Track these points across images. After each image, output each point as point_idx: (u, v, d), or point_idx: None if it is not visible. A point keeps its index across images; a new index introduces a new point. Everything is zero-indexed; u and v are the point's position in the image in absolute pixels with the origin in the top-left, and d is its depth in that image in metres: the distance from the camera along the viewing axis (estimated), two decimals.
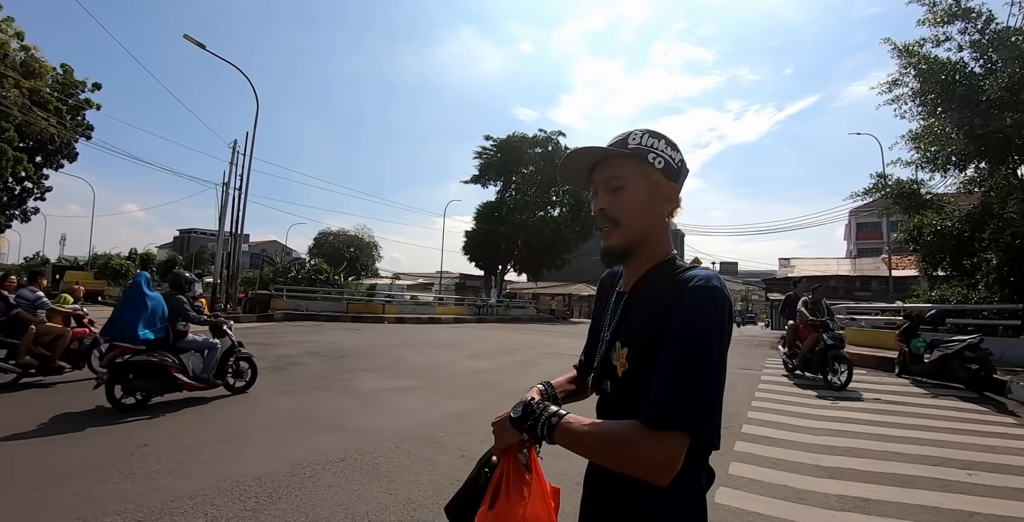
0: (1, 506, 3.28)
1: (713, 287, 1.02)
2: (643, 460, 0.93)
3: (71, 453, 4.36)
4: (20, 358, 6.99)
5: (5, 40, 22.41)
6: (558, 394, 1.39)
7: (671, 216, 1.20)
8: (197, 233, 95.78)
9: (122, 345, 5.99)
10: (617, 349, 1.15)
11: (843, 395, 7.97)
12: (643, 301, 1.14)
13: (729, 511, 3.58)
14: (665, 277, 1.12)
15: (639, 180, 1.14)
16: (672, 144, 1.17)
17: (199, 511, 3.29)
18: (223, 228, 22.55)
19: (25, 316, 7.27)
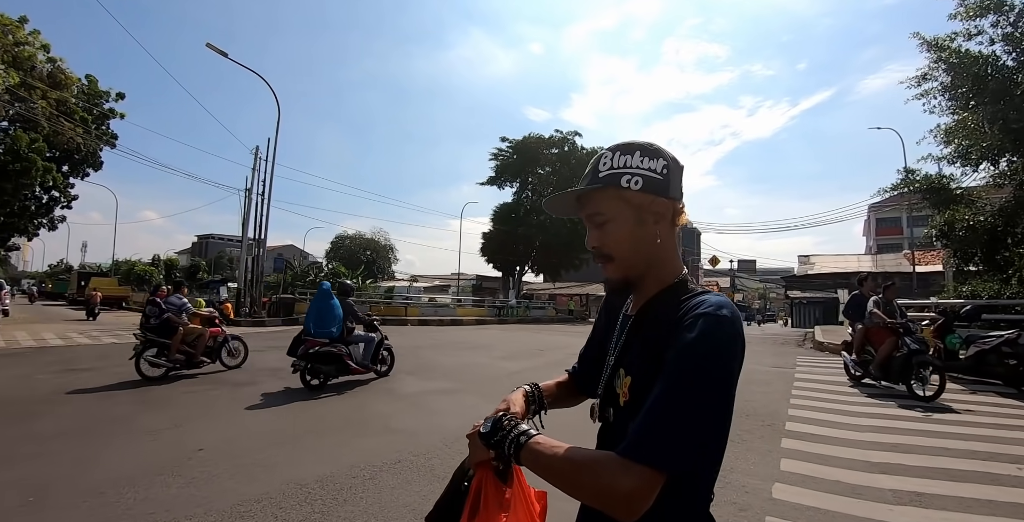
0: (70, 512, 3.32)
1: (720, 316, 0.93)
2: (604, 489, 0.85)
3: (128, 458, 4.42)
4: (171, 355, 8.41)
5: (32, 53, 22.83)
6: (544, 398, 1.34)
7: (673, 228, 1.12)
8: (215, 238, 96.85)
9: (313, 339, 7.80)
10: (621, 377, 1.08)
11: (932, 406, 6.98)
12: (649, 327, 1.06)
13: (789, 506, 3.61)
14: (673, 301, 1.03)
15: (619, 209, 1.07)
16: (649, 151, 1.08)
17: (268, 514, 3.33)
18: (246, 233, 22.79)
19: (174, 319, 8.64)
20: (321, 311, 8.05)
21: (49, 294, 46.24)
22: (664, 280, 1.09)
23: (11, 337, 14.17)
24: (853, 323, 9.00)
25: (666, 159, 1.08)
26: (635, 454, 0.85)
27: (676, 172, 1.10)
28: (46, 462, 4.23)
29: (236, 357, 9.61)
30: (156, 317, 8.55)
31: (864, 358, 8.52)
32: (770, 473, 4.30)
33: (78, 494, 3.58)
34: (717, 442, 0.96)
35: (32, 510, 3.32)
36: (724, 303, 0.95)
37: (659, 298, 1.08)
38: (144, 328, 8.57)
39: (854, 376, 8.86)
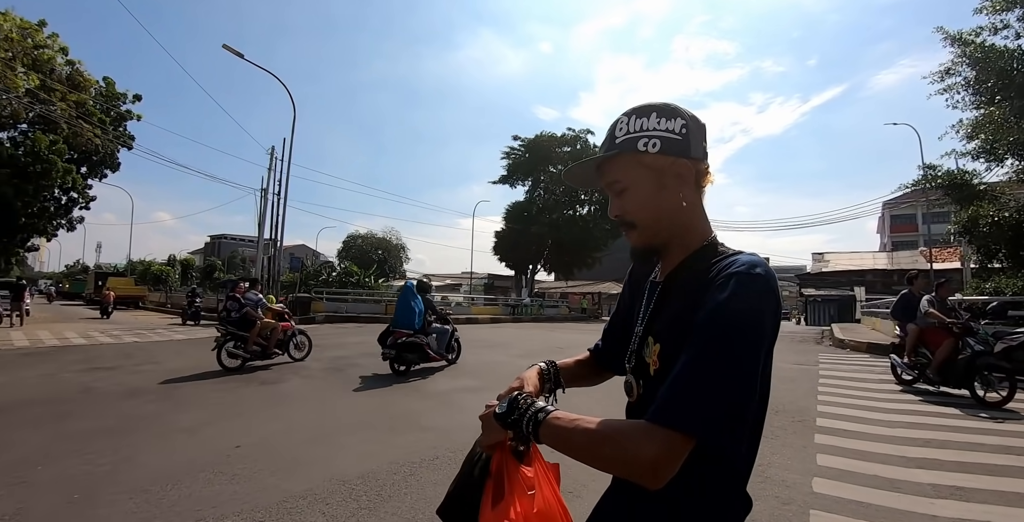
0: (116, 509, 3.34)
1: (755, 274, 0.88)
2: (628, 457, 0.82)
3: (166, 455, 4.44)
4: (249, 347, 9.18)
5: (52, 56, 23.09)
6: (561, 376, 1.30)
7: (699, 191, 1.07)
8: (228, 239, 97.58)
9: (399, 330, 8.91)
10: (649, 345, 1.03)
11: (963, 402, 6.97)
12: (678, 292, 1.02)
13: (831, 500, 3.64)
14: (703, 264, 0.99)
15: (638, 174, 1.03)
16: (666, 111, 1.03)
17: (315, 510, 3.33)
18: (263, 233, 22.93)
19: (252, 314, 9.45)
20: (405, 306, 9.18)
21: (66, 294, 46.70)
22: (691, 245, 1.05)
23: (35, 336, 14.32)
24: (903, 324, 8.48)
25: (684, 118, 1.03)
26: (661, 418, 0.82)
27: (696, 131, 1.04)
28: (85, 460, 4.25)
29: (301, 350, 10.32)
30: (236, 311, 9.39)
31: (918, 361, 7.99)
32: (808, 468, 4.32)
33: (122, 491, 3.60)
34: (750, 408, 0.87)
35: (79, 508, 3.33)
36: (757, 261, 0.91)
37: (687, 263, 1.04)
38: (224, 322, 9.34)
39: (904, 380, 8.32)
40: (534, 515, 0.98)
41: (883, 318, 17.70)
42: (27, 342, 12.88)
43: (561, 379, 1.30)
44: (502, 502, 1.00)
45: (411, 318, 9.04)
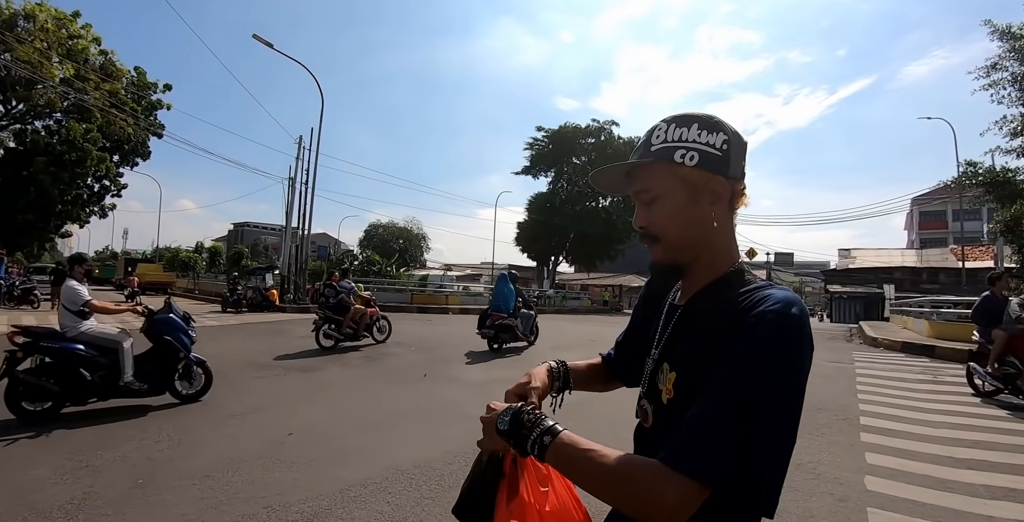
0: (182, 494, 3.41)
1: (790, 316, 0.81)
2: (638, 498, 0.77)
3: (221, 442, 4.52)
4: (343, 330, 10.37)
5: (86, 45, 23.49)
6: (571, 378, 1.26)
7: (732, 212, 1.00)
8: (250, 226, 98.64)
9: (497, 314, 10.76)
10: (665, 372, 0.97)
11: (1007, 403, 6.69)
12: (701, 320, 0.96)
13: (886, 498, 3.65)
14: (729, 295, 0.93)
15: (671, 186, 0.96)
16: (710, 125, 0.96)
17: (379, 499, 3.38)
18: (290, 221, 23.16)
19: (346, 300, 10.66)
20: (501, 293, 10.98)
21: (97, 279, 47.64)
22: (718, 269, 0.99)
23: None
24: (985, 329, 7.67)
25: (727, 134, 0.96)
26: (677, 462, 0.76)
27: (738, 149, 0.98)
28: (142, 445, 4.34)
29: (383, 333, 11.56)
30: (333, 297, 10.60)
31: (1005, 370, 7.17)
32: (858, 466, 4.32)
33: (184, 476, 3.67)
34: (776, 462, 0.80)
35: (146, 492, 3.40)
36: (793, 300, 0.84)
37: (713, 289, 0.98)
38: (322, 307, 10.63)
39: (984, 391, 7.49)
40: (548, 512, 0.98)
41: (916, 317, 17.50)
42: None
43: (571, 380, 1.25)
44: (516, 499, 0.99)
45: (507, 303, 10.83)
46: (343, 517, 3.13)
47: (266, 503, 3.26)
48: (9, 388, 4.97)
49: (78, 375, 5.14)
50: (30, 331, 5.23)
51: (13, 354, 5.01)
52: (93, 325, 5.59)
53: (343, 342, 10.56)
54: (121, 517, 3.04)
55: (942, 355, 11.68)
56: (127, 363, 5.44)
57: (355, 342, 10.83)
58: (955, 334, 13.53)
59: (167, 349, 5.80)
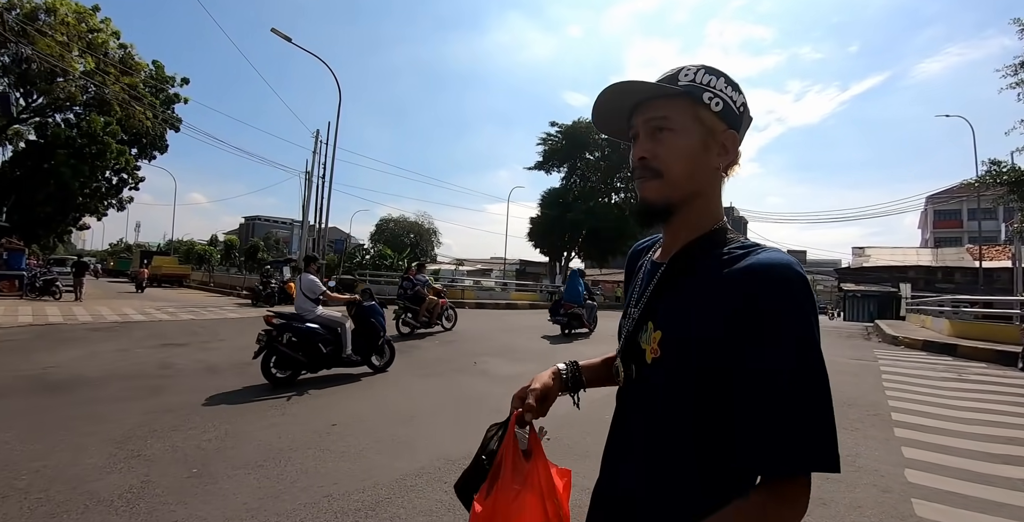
0: (239, 483, 3.45)
1: (800, 276, 0.78)
2: None
3: (266, 432, 4.57)
4: (419, 317, 11.68)
5: (106, 39, 23.66)
6: (584, 376, 1.21)
7: (727, 172, 0.97)
8: (261, 220, 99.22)
9: (569, 304, 12.78)
10: (649, 330, 0.92)
11: None
12: (687, 278, 0.91)
13: (928, 490, 3.73)
14: (716, 252, 0.89)
15: (690, 123, 0.92)
16: (734, 84, 0.95)
17: (435, 488, 3.42)
18: (307, 215, 23.29)
19: (422, 292, 11.93)
20: (573, 287, 13.00)
21: (111, 271, 48.11)
22: (703, 225, 0.95)
23: (96, 312, 14.82)
24: None
25: (745, 100, 0.97)
26: (773, 467, 0.73)
27: (748, 118, 0.99)
28: (189, 435, 4.39)
29: (451, 321, 12.87)
30: (411, 289, 11.94)
31: None
32: (897, 460, 4.40)
33: (238, 466, 3.72)
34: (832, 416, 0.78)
35: (202, 482, 3.44)
36: (792, 260, 0.80)
37: (698, 245, 0.93)
38: (401, 298, 12.04)
39: None
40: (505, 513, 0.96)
41: (935, 316, 17.40)
42: (90, 318, 13.34)
43: (583, 379, 1.20)
44: (492, 493, 1.00)
45: (578, 296, 12.88)
46: (404, 505, 3.17)
47: (324, 492, 3.31)
48: (265, 359, 6.35)
49: (317, 349, 6.65)
50: (282, 315, 6.75)
51: (269, 333, 6.39)
52: (322, 310, 7.09)
53: (419, 329, 11.92)
54: (183, 506, 3.08)
55: (964, 354, 11.62)
56: (348, 340, 7.00)
57: (428, 329, 12.19)
58: (977, 333, 13.48)
59: (372, 329, 7.39)
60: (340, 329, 6.99)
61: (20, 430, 4.31)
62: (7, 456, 3.74)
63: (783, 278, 0.78)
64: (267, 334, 6.38)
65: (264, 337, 6.36)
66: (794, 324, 0.76)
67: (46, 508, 2.98)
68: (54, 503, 3.03)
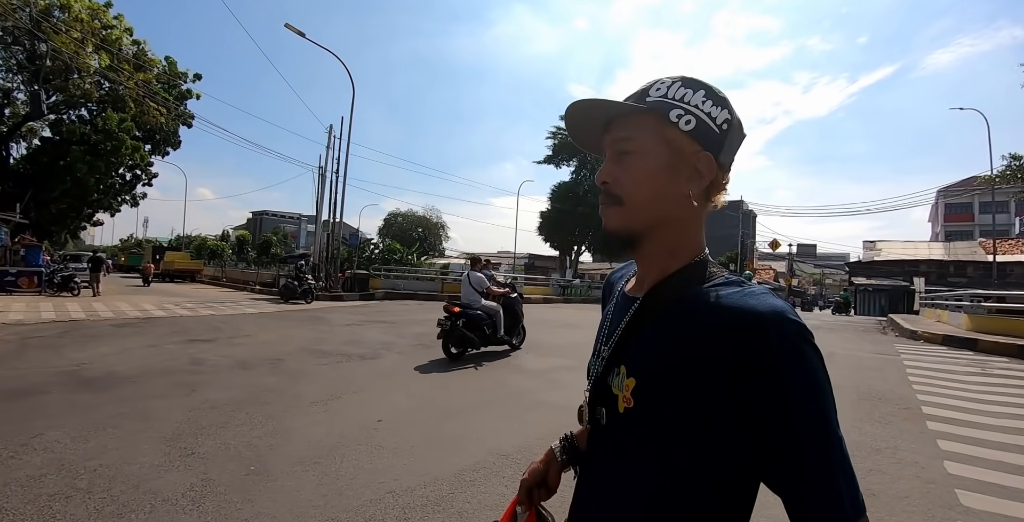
0: (299, 480, 3.47)
1: (801, 328, 0.72)
2: None
3: (314, 428, 4.61)
4: None
5: (119, 36, 23.74)
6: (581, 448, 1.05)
7: (709, 199, 0.87)
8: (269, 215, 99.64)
9: None
10: (621, 375, 0.83)
11: None
12: (665, 319, 0.82)
13: (970, 481, 3.84)
14: (698, 289, 0.81)
15: (654, 144, 0.83)
16: (717, 98, 0.83)
17: (495, 482, 3.46)
18: (320, 210, 23.36)
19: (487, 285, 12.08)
20: None
21: (123, 267, 48.38)
22: (680, 257, 0.85)
23: (116, 308, 14.93)
24: None
25: (731, 115, 0.84)
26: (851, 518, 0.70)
27: (736, 135, 0.86)
28: (238, 432, 4.42)
29: None
30: None
31: None
32: (934, 452, 4.48)
33: (294, 463, 3.74)
34: None
35: (261, 479, 3.45)
36: (786, 307, 0.74)
37: (675, 281, 0.84)
38: None
39: None
40: None
41: (952, 310, 17.35)
42: (111, 314, 13.45)
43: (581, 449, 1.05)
44: None
45: None
46: (469, 500, 3.21)
47: (386, 488, 3.35)
48: (446, 338, 8.17)
49: (483, 330, 8.59)
50: (459, 304, 8.59)
51: (451, 318, 8.19)
52: (483, 300, 8.86)
53: None
54: (249, 504, 3.09)
55: (985, 349, 11.60)
56: (501, 323, 8.91)
57: None
58: (997, 328, 13.42)
59: (515, 316, 9.46)
60: (496, 315, 8.89)
61: (68, 428, 4.33)
62: (61, 455, 3.75)
63: (786, 331, 0.71)
64: (449, 319, 8.17)
65: (447, 322, 8.14)
66: (808, 391, 0.71)
67: (112, 508, 2.98)
68: (119, 503, 3.04)
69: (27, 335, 9.36)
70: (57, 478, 3.35)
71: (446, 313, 8.28)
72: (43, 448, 3.86)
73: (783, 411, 0.70)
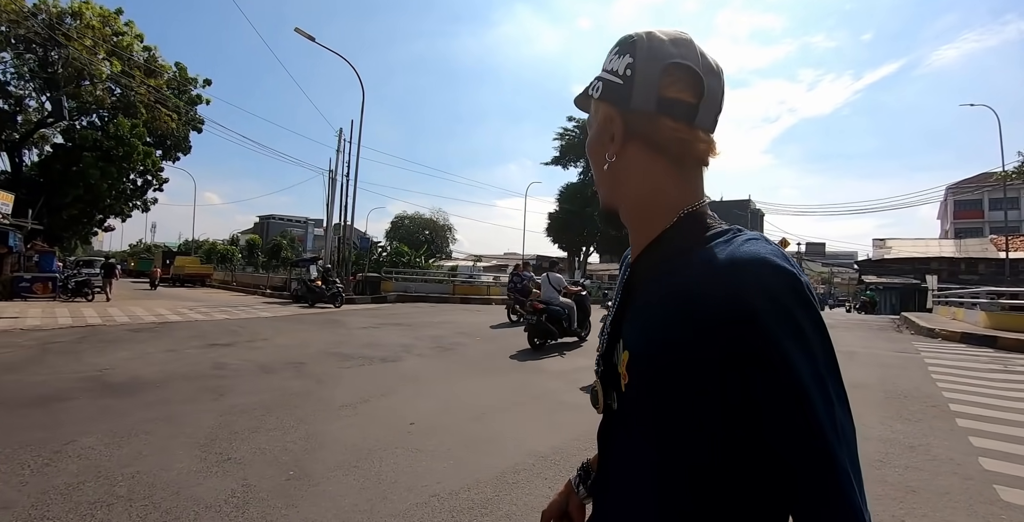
0: (341, 485, 3.46)
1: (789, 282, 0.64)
2: None
3: (347, 432, 4.60)
4: (526, 308, 11.78)
5: (130, 42, 23.89)
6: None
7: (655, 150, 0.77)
8: (275, 219, 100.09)
9: None
10: (619, 350, 0.78)
11: None
12: (645, 287, 0.77)
13: (1007, 476, 3.86)
14: (679, 247, 0.75)
15: (592, 124, 0.84)
16: (624, 46, 0.79)
17: (539, 483, 3.44)
18: (332, 214, 23.45)
19: (528, 286, 13.68)
20: None
21: (132, 272, 48.66)
22: (656, 217, 0.78)
23: (131, 313, 15.03)
24: None
25: (634, 56, 0.76)
26: None
27: (650, 74, 0.76)
28: (271, 436, 4.40)
29: None
30: (520, 283, 14.34)
31: None
32: (967, 449, 4.49)
33: (333, 467, 3.72)
34: None
35: (303, 484, 3.43)
36: (772, 249, 0.67)
37: (656, 246, 0.78)
38: (511, 291, 14.73)
39: None
40: None
41: (968, 308, 17.22)
42: (127, 318, 13.51)
43: None
44: None
45: None
46: (515, 502, 3.20)
47: (430, 491, 3.33)
48: (532, 331, 9.64)
49: (562, 324, 9.95)
50: (542, 301, 9.95)
51: (536, 313, 9.64)
52: (560, 298, 10.23)
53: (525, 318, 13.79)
54: (294, 510, 3.07)
55: (1005, 346, 11.53)
56: (574, 318, 10.31)
57: None
58: (1016, 325, 13.29)
59: (586, 311, 10.89)
60: (571, 311, 10.22)
61: (100, 434, 4.31)
62: (97, 462, 3.72)
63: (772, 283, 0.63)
64: (534, 314, 9.63)
65: (533, 317, 9.60)
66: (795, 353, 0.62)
67: (156, 516, 2.96)
68: (162, 510, 3.02)
69: (46, 341, 9.40)
70: (96, 485, 3.32)
71: (531, 309, 9.77)
72: (77, 455, 3.85)
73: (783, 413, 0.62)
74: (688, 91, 0.75)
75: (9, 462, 3.66)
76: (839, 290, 79.50)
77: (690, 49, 0.76)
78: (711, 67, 0.77)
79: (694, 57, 0.76)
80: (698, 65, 0.75)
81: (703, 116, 0.76)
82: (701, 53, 0.77)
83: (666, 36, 0.77)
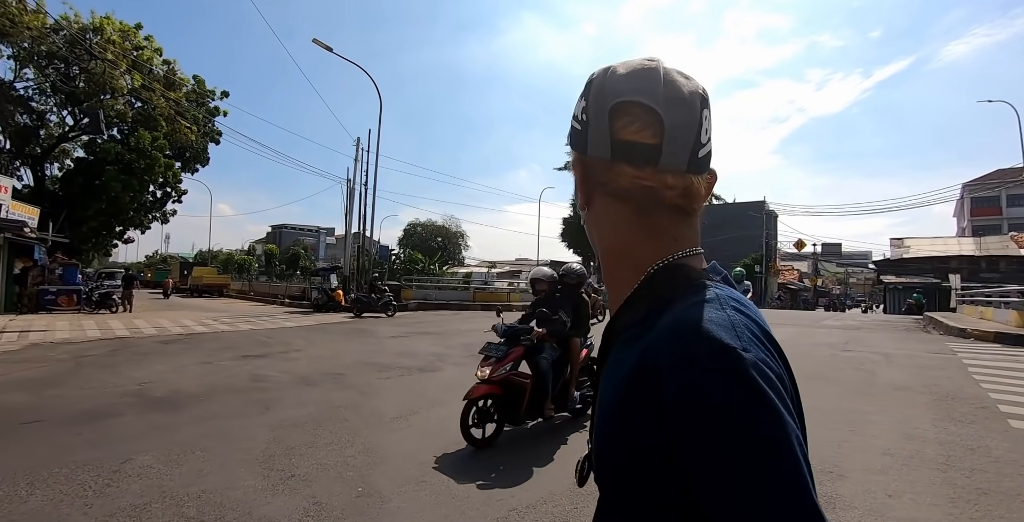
0: (413, 501, 3.45)
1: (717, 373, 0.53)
2: None
3: (404, 445, 4.59)
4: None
5: (150, 56, 24.20)
6: None
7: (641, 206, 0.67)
8: (288, 228, 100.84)
9: None
10: None
11: None
12: (610, 359, 0.68)
13: None
14: (638, 316, 0.66)
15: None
16: (585, 88, 0.71)
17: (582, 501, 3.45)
18: (350, 223, 23.54)
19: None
20: None
21: (148, 283, 49.08)
22: (621, 282, 0.71)
23: (158, 324, 15.12)
24: None
25: (587, 98, 0.69)
26: None
27: (600, 118, 0.67)
28: (330, 451, 4.37)
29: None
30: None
31: None
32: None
33: (400, 482, 3.69)
34: None
35: (374, 500, 3.39)
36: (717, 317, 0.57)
37: (622, 313, 0.70)
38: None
39: None
40: None
41: (996, 307, 16.97)
42: (154, 330, 13.59)
43: None
44: None
45: None
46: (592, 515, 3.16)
47: (507, 506, 3.31)
48: None
49: None
50: None
51: None
52: None
53: None
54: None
55: None
56: None
57: None
58: None
59: None
60: None
61: (156, 451, 4.25)
62: (159, 481, 3.67)
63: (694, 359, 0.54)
64: None
65: None
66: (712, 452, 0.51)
67: None
68: None
69: (79, 354, 9.44)
70: (163, 507, 3.27)
71: None
72: (137, 474, 3.79)
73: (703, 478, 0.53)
74: (646, 131, 0.64)
75: (69, 483, 3.61)
76: (855, 290, 78.93)
77: (649, 81, 0.66)
78: (678, 96, 0.65)
79: (651, 90, 0.65)
80: (656, 99, 0.64)
81: (670, 156, 0.64)
82: (667, 81, 0.66)
83: (624, 69, 0.68)
